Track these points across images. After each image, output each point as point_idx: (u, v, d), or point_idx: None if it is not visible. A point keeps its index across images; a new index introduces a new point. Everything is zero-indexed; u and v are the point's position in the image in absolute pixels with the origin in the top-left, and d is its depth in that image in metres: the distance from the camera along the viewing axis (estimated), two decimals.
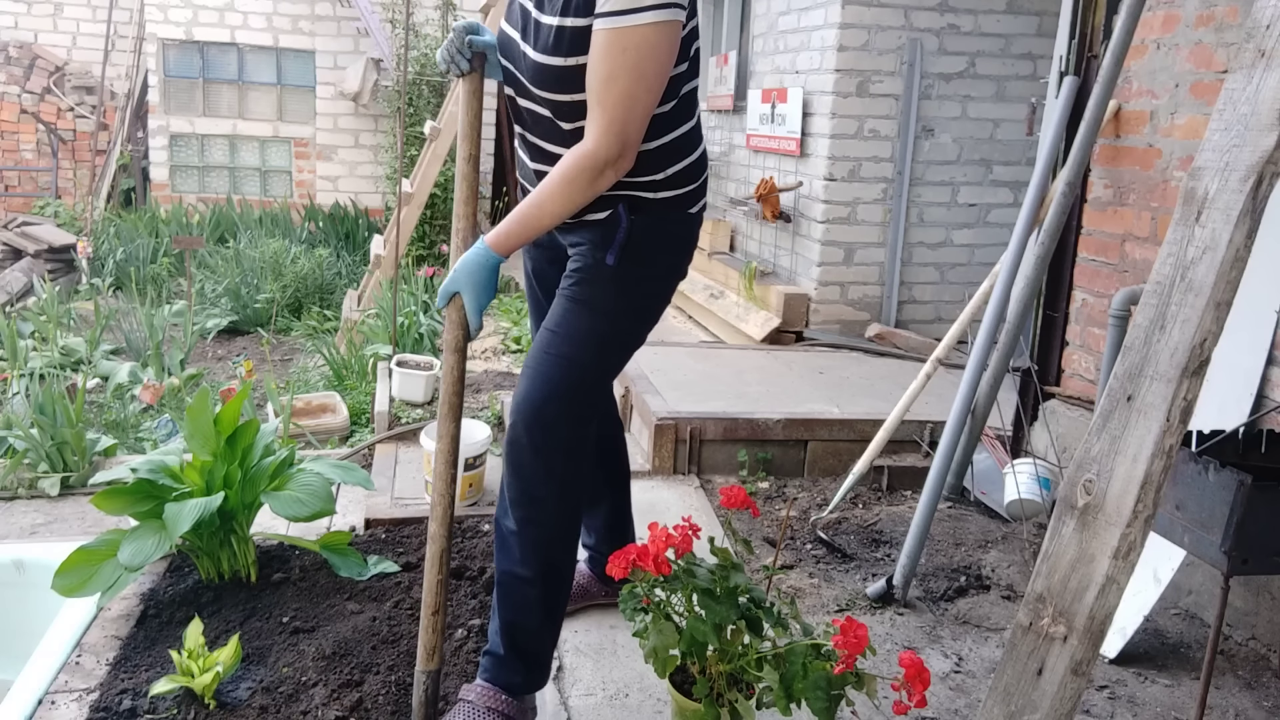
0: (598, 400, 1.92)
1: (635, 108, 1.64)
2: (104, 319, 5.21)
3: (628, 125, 1.64)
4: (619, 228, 1.82)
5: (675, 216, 1.90)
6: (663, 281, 1.95)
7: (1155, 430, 1.31)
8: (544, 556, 1.87)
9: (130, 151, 9.29)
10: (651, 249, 1.88)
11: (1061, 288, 3.41)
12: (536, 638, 1.89)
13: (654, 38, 1.60)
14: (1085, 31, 3.26)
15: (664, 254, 1.92)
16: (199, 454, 2.47)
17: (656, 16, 1.59)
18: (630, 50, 1.59)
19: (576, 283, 1.87)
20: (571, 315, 1.85)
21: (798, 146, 5.16)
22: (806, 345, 4.93)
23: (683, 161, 1.87)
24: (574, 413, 1.84)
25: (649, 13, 1.58)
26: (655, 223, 1.87)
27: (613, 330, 1.88)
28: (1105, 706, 2.17)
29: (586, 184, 1.69)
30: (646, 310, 1.95)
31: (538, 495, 1.85)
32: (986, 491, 3.24)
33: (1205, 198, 1.33)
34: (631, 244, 1.84)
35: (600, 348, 1.87)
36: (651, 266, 1.90)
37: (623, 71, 1.61)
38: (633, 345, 1.96)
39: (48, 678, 2.11)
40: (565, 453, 1.85)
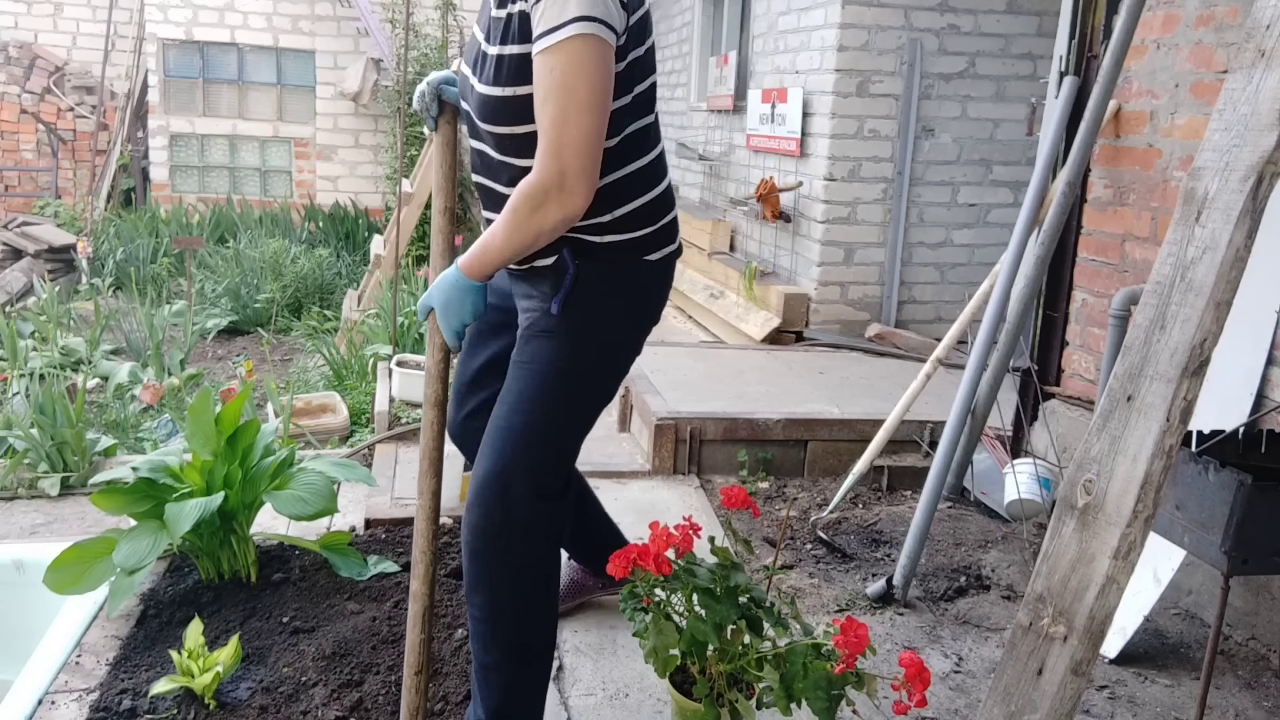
0: (562, 469, 1.79)
1: (569, 129, 1.55)
2: (104, 319, 5.21)
3: (564, 148, 1.55)
4: (565, 275, 1.72)
5: (627, 262, 1.76)
6: (620, 333, 1.81)
7: (1155, 430, 1.31)
8: (513, 642, 1.77)
9: (130, 151, 9.29)
10: (602, 298, 1.75)
11: (1061, 288, 3.41)
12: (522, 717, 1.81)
13: (577, 53, 1.54)
14: (1085, 31, 3.26)
15: (618, 302, 1.78)
16: (199, 454, 2.47)
17: (577, 29, 1.53)
18: (557, 69, 1.55)
19: (525, 339, 1.77)
20: (522, 380, 1.74)
21: (798, 146, 5.16)
22: (806, 345, 4.93)
23: (633, 202, 1.74)
24: (534, 487, 1.72)
25: (569, 27, 1.53)
26: (605, 270, 1.75)
27: (566, 391, 1.75)
28: (1105, 706, 2.17)
29: (528, 213, 1.58)
30: (604, 365, 1.81)
31: (498, 577, 1.74)
32: (986, 491, 3.24)
33: (1205, 198, 1.33)
34: (578, 293, 1.73)
35: (556, 412, 1.74)
36: (604, 318, 1.77)
37: (553, 92, 1.55)
38: (595, 403, 1.82)
39: (48, 678, 2.11)
40: (525, 532, 1.73)
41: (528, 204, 1.58)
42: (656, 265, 1.81)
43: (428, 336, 1.77)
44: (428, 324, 1.77)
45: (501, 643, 1.76)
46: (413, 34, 8.61)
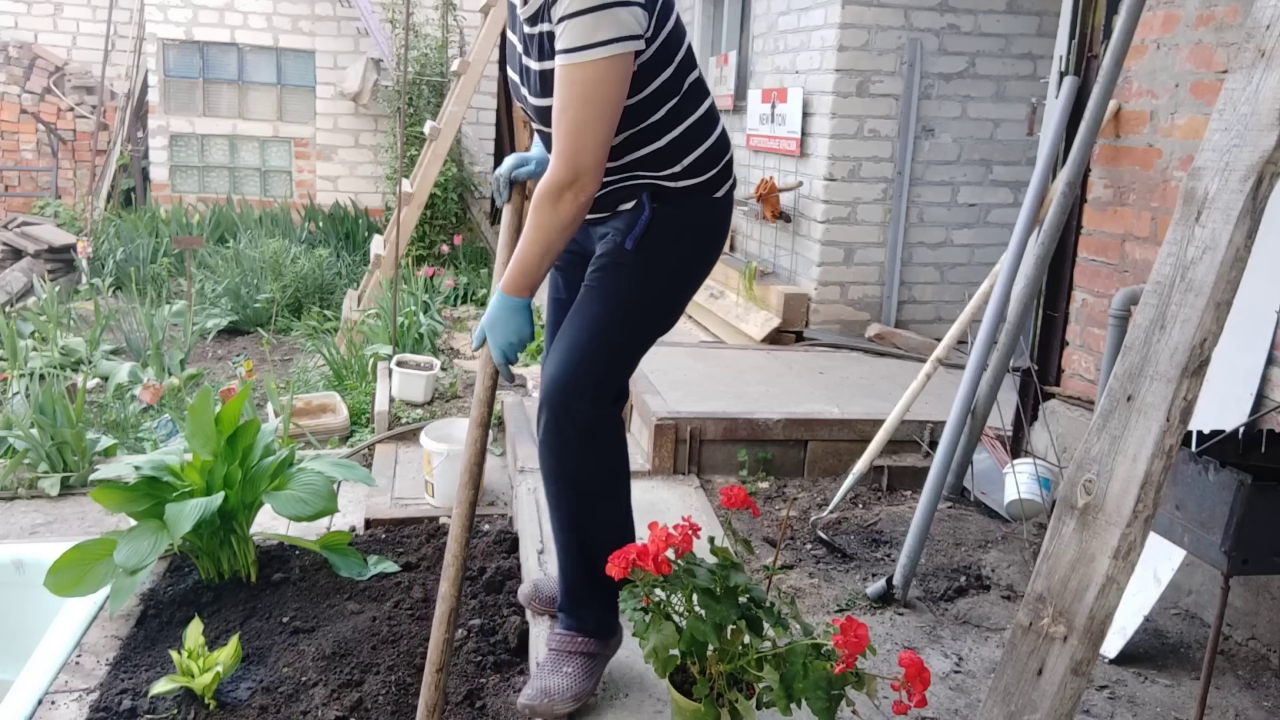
0: (617, 383, 1.97)
1: (586, 135, 1.72)
2: (104, 319, 5.21)
3: (579, 153, 1.72)
4: (641, 215, 1.90)
5: (698, 203, 1.95)
6: (685, 269, 1.99)
7: (1155, 430, 1.31)
8: (584, 522, 1.96)
9: (130, 151, 9.29)
10: (672, 236, 1.93)
11: (1061, 288, 3.41)
12: (594, 591, 1.97)
13: (603, 72, 1.69)
14: (1085, 31, 3.26)
15: (686, 241, 1.96)
16: (200, 454, 2.47)
17: (605, 53, 1.68)
18: (579, 84, 1.70)
19: (598, 269, 1.94)
20: (594, 304, 1.92)
21: (798, 146, 5.16)
22: (806, 345, 4.93)
23: (699, 149, 1.92)
24: (595, 394, 1.90)
25: (597, 49, 1.68)
26: (676, 210, 1.93)
27: (631, 318, 1.94)
28: (1105, 706, 2.17)
29: (549, 209, 1.76)
30: (669, 297, 1.99)
31: (565, 473, 1.93)
32: (986, 491, 3.24)
33: (1205, 198, 1.33)
34: (652, 231, 1.90)
35: (620, 335, 1.93)
36: (672, 253, 1.94)
37: (572, 103, 1.71)
38: (655, 330, 2.01)
39: (48, 678, 2.11)
40: (587, 431, 1.91)
41: (548, 201, 1.75)
42: (721, 202, 1.99)
43: (479, 362, 1.93)
44: (481, 351, 1.92)
45: (573, 526, 1.96)
46: (413, 34, 8.61)
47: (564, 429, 1.90)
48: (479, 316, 6.16)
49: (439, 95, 8.47)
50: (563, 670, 1.97)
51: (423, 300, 5.70)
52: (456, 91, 6.47)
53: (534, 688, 1.96)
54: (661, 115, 1.87)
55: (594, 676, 2.00)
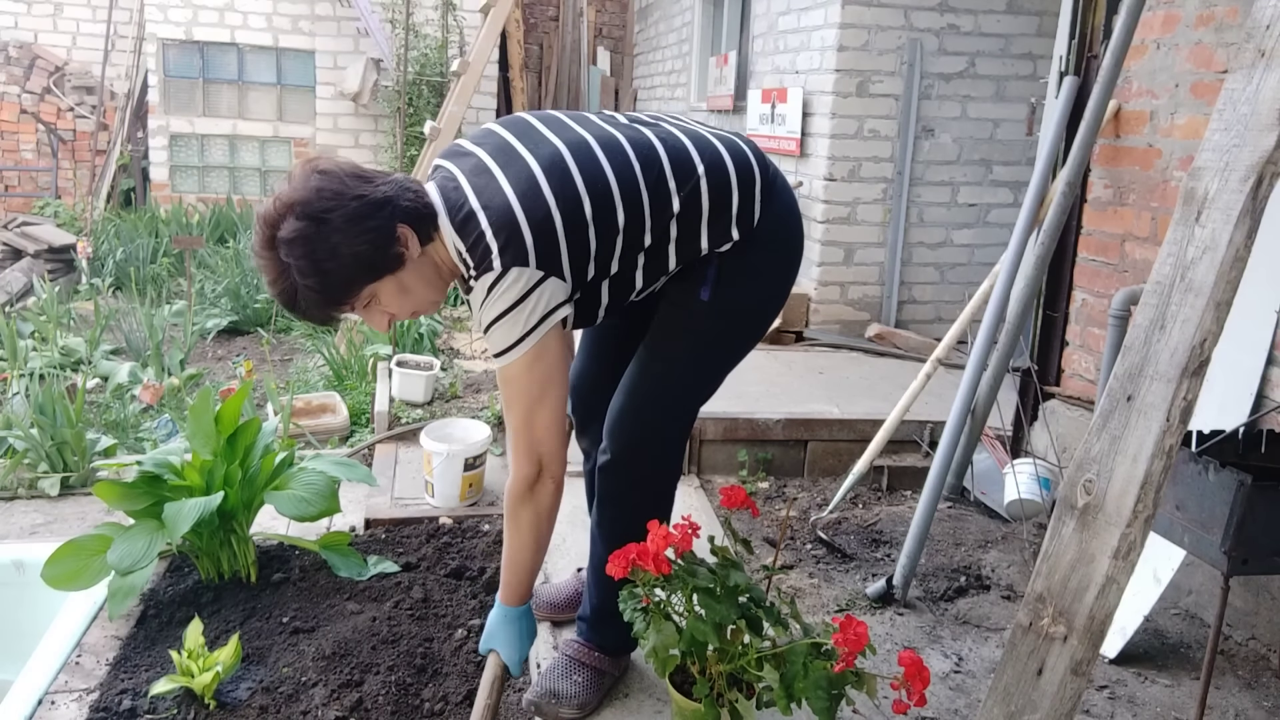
0: (693, 418, 2.00)
1: (536, 421, 1.73)
2: (104, 319, 5.20)
3: (536, 443, 1.74)
4: (710, 266, 1.85)
5: (762, 231, 1.88)
6: (769, 293, 1.95)
7: (1155, 430, 1.31)
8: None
9: (130, 151, 9.28)
10: (747, 275, 1.88)
11: (1061, 288, 3.41)
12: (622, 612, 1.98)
13: (531, 360, 1.69)
14: (1085, 31, 3.26)
15: (764, 270, 1.91)
16: (200, 453, 2.47)
17: (528, 345, 1.67)
18: (514, 380, 1.72)
19: (674, 308, 1.90)
20: (675, 344, 1.90)
21: (798, 146, 5.16)
22: (806, 345, 4.93)
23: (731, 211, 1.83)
24: (670, 433, 1.96)
25: (521, 344, 1.67)
26: (744, 255, 1.86)
27: (716, 360, 1.94)
28: (1105, 706, 2.17)
29: (528, 507, 1.78)
30: (752, 329, 1.97)
31: (628, 501, 1.96)
32: (986, 491, 3.24)
33: (1205, 198, 1.33)
34: (725, 278, 1.86)
35: (703, 375, 1.94)
36: (752, 289, 1.91)
37: (514, 399, 1.73)
38: (736, 360, 1.99)
39: (48, 678, 2.11)
40: (658, 465, 1.97)
41: (523, 500, 1.77)
42: (776, 214, 1.88)
43: (487, 666, 1.91)
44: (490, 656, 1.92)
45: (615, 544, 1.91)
46: (413, 34, 8.61)
47: (636, 464, 1.93)
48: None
49: (439, 95, 8.47)
50: (572, 678, 2.00)
51: None
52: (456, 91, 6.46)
53: (542, 688, 1.99)
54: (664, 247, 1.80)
55: (600, 691, 2.03)
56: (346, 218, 1.59)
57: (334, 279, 1.61)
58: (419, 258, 1.67)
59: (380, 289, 1.66)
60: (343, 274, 1.61)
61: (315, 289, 1.60)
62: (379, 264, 1.63)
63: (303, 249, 1.58)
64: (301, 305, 1.63)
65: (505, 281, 1.63)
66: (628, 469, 1.94)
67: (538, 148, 1.73)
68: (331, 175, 1.63)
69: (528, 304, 1.65)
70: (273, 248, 1.59)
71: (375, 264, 1.63)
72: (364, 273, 1.63)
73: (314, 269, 1.59)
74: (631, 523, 1.89)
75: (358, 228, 1.59)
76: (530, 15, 10.50)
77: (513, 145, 1.74)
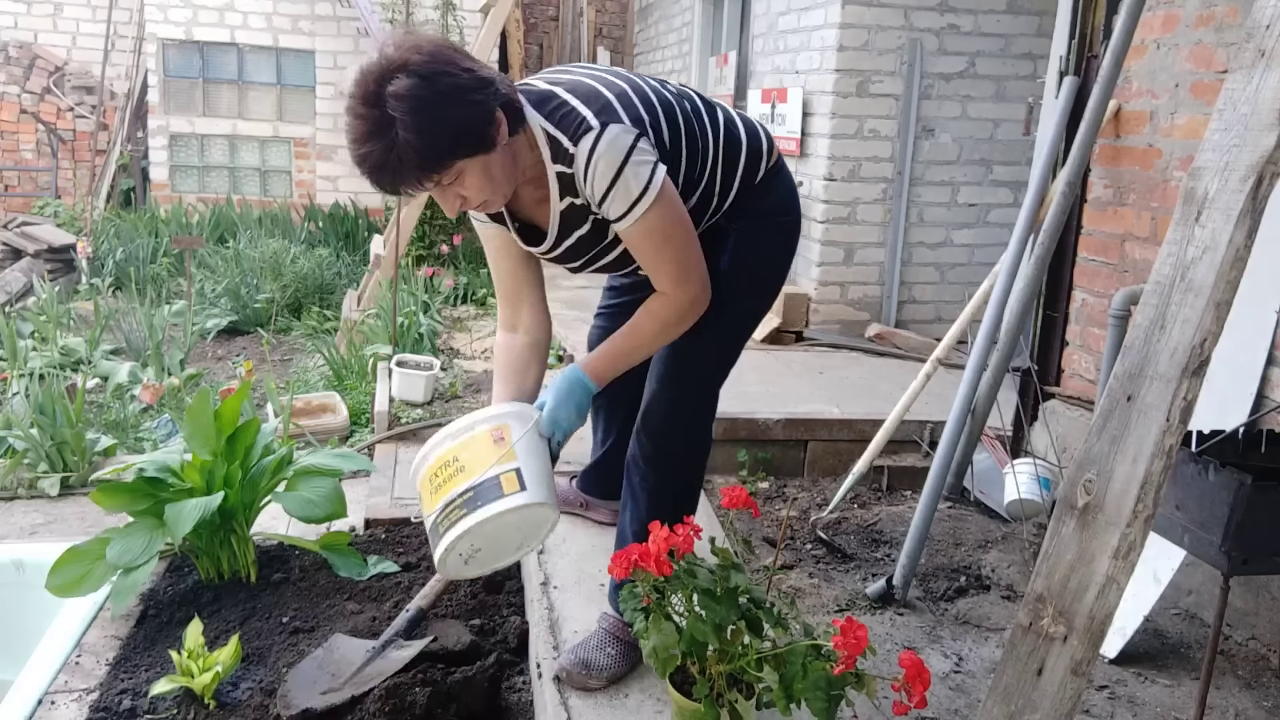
0: (718, 389, 2.10)
1: (685, 257, 1.81)
2: (104, 319, 5.20)
3: (690, 272, 1.82)
4: (726, 238, 2.00)
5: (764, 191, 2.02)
6: (778, 269, 2.09)
7: (1155, 430, 1.31)
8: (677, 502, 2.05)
9: (130, 151, 9.28)
10: (760, 244, 2.02)
11: (1061, 288, 3.41)
12: None
13: (662, 207, 1.74)
14: (1085, 31, 3.26)
15: (774, 244, 2.06)
16: (199, 453, 2.47)
17: (652, 194, 1.72)
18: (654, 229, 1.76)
19: None
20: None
21: (798, 146, 5.16)
22: (806, 345, 4.93)
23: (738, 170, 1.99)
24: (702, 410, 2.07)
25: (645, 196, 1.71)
26: (752, 217, 2.01)
27: (743, 323, 2.07)
28: (1105, 706, 2.17)
29: (675, 328, 1.86)
30: (772, 285, 2.11)
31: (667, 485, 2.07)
32: (986, 491, 3.24)
33: (1205, 198, 1.33)
34: (740, 245, 2.00)
35: (722, 342, 2.04)
36: (763, 259, 2.05)
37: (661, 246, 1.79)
38: (750, 332, 2.11)
39: (48, 678, 2.11)
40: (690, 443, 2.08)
41: (677, 324, 1.85)
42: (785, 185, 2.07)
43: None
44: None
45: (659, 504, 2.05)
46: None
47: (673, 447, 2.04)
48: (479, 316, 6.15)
49: None
50: (606, 650, 2.05)
51: (423, 300, 5.70)
52: None
53: (576, 657, 2.03)
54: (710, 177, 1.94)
55: (629, 665, 2.07)
56: (458, 85, 1.59)
57: (437, 143, 1.59)
58: (505, 145, 1.68)
59: (469, 167, 1.65)
60: (445, 140, 1.60)
61: (416, 148, 1.57)
62: (477, 140, 1.62)
63: (415, 105, 1.55)
64: (391, 165, 1.59)
65: (605, 138, 1.68)
66: (666, 453, 2.03)
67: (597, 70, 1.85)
68: (442, 45, 1.64)
69: (635, 155, 1.69)
70: (377, 103, 1.56)
71: (475, 139, 1.62)
72: (464, 144, 1.62)
73: (421, 127, 1.56)
74: (671, 508, 1.99)
75: (467, 99, 1.60)
76: (530, 15, 10.50)
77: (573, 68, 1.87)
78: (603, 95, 1.74)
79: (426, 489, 1.76)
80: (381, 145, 1.57)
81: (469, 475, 1.69)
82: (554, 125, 1.72)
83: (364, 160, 1.61)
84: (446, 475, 1.71)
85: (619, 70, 1.89)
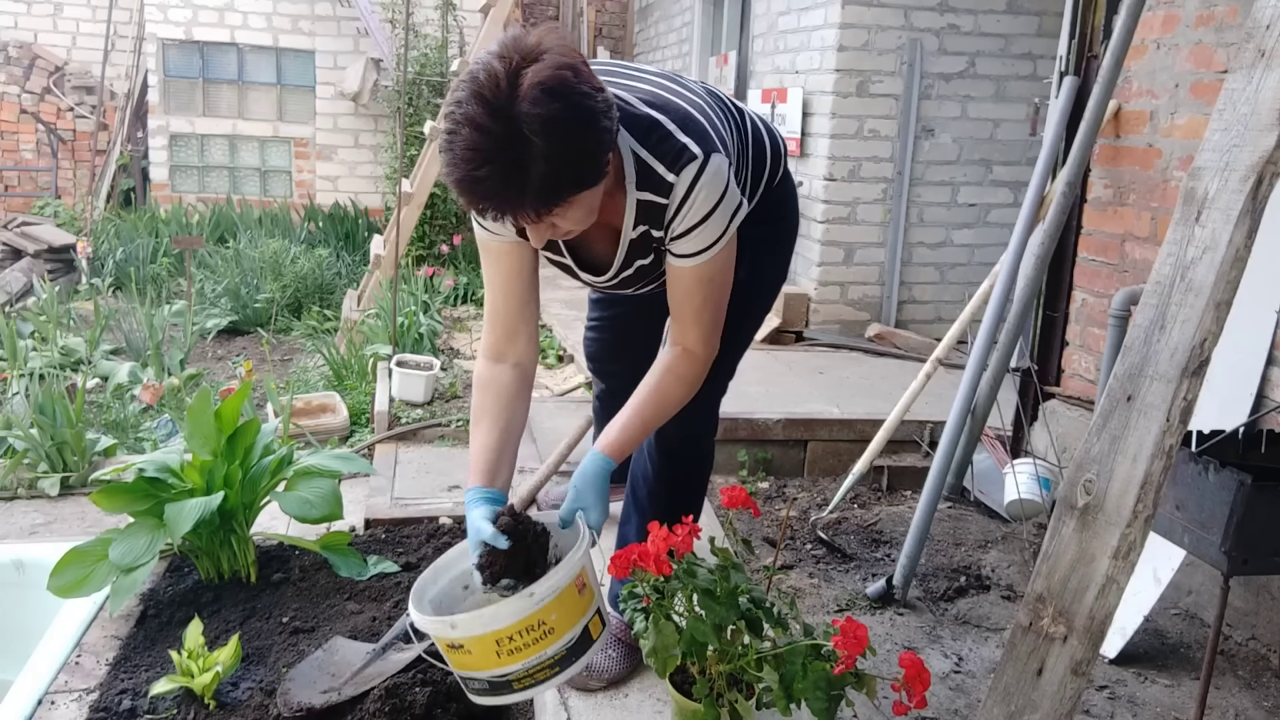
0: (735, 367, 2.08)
1: (720, 317, 1.77)
2: (104, 319, 5.20)
3: (715, 333, 1.78)
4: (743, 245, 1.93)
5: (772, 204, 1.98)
6: (783, 269, 2.09)
7: (1155, 430, 1.31)
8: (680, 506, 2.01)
9: (130, 151, 9.28)
10: (770, 246, 2.01)
11: (1061, 288, 3.41)
12: None
13: (727, 255, 1.70)
14: (1085, 31, 3.26)
15: (782, 245, 2.07)
16: (199, 453, 2.47)
17: (727, 238, 1.66)
18: (713, 277, 1.71)
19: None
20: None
21: (798, 146, 5.16)
22: (806, 345, 4.93)
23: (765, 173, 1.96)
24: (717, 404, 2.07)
25: (723, 238, 1.66)
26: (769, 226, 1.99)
27: (747, 325, 2.03)
28: (1105, 706, 2.17)
29: (689, 388, 1.80)
30: (769, 298, 2.09)
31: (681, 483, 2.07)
32: (986, 491, 3.24)
33: (1205, 198, 1.33)
34: (752, 248, 1.92)
35: (733, 342, 1.96)
36: (774, 259, 2.04)
37: (711, 295, 1.73)
38: (756, 330, 2.10)
39: (48, 678, 2.11)
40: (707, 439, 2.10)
41: (691, 383, 1.78)
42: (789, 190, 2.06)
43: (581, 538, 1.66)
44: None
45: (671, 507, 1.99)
46: (413, 34, 8.61)
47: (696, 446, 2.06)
48: (479, 316, 6.15)
49: (439, 95, 8.46)
50: (606, 651, 2.04)
51: (423, 300, 5.70)
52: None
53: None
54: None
55: (631, 666, 2.07)
56: (594, 109, 1.41)
57: (567, 174, 1.41)
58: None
59: (580, 199, 1.47)
60: (575, 171, 1.42)
61: (546, 178, 1.38)
62: (599, 172, 1.46)
63: (554, 129, 1.35)
64: (510, 195, 1.39)
65: (710, 169, 1.58)
66: (679, 472, 2.05)
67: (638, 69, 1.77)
68: (572, 50, 1.43)
69: (730, 193, 1.62)
70: (509, 119, 1.34)
71: (598, 171, 1.46)
72: (589, 177, 1.45)
73: (556, 155, 1.36)
74: (685, 506, 1.99)
75: (600, 124, 1.42)
76: (530, 15, 10.50)
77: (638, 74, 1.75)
78: (696, 118, 1.62)
79: (485, 648, 1.54)
80: (505, 169, 1.36)
81: (561, 634, 1.56)
82: (648, 150, 1.59)
83: (477, 183, 1.38)
84: (533, 638, 1.55)
85: (675, 76, 1.78)
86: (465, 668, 1.57)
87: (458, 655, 1.55)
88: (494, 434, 1.77)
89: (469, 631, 1.51)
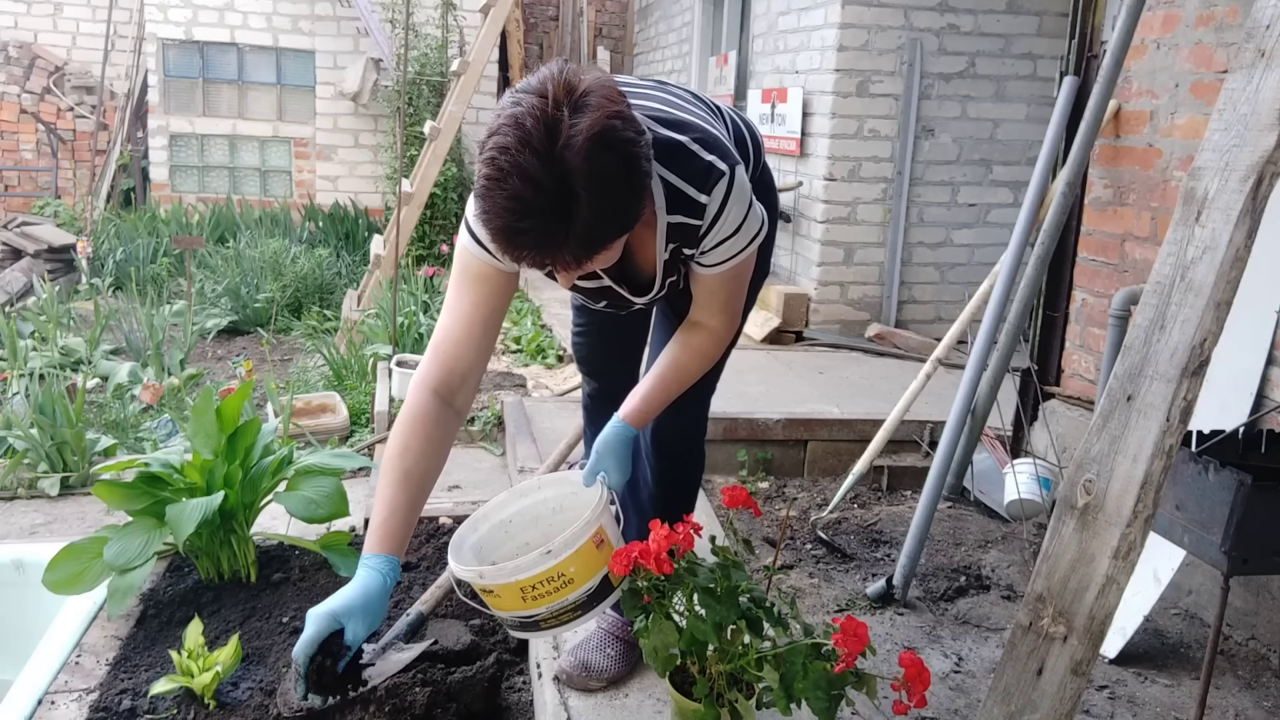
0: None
1: (741, 304, 1.84)
2: (104, 319, 5.20)
3: (738, 313, 1.85)
4: None
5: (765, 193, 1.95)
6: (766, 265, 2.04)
7: (1155, 430, 1.31)
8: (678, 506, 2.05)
9: (130, 151, 9.29)
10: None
11: (1061, 288, 3.41)
12: None
13: (752, 255, 1.73)
14: (1085, 31, 3.26)
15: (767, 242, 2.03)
16: (201, 453, 2.47)
17: (756, 242, 1.70)
18: (740, 275, 1.77)
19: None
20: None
21: (798, 146, 5.16)
22: (806, 345, 4.93)
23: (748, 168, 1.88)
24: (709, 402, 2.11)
25: (753, 243, 1.70)
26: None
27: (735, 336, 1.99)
28: (1105, 706, 2.17)
29: (711, 360, 1.86)
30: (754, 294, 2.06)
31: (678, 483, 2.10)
32: (986, 491, 3.24)
33: (1205, 198, 1.33)
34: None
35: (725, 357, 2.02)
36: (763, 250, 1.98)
37: (735, 290, 1.79)
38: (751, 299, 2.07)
39: (48, 678, 2.11)
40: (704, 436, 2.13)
41: (714, 355, 1.85)
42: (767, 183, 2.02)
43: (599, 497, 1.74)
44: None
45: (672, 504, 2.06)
46: (413, 34, 8.61)
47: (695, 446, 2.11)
48: None
49: (439, 95, 8.47)
50: (606, 651, 2.06)
51: (422, 300, 5.70)
52: (456, 91, 6.47)
53: (576, 659, 2.05)
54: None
55: (630, 665, 2.08)
56: (639, 157, 1.35)
57: (611, 226, 1.37)
58: None
59: (619, 241, 1.44)
60: (618, 223, 1.38)
61: (590, 230, 1.33)
62: (636, 218, 1.42)
63: (605, 187, 1.30)
64: (552, 246, 1.34)
65: (736, 179, 1.59)
66: (678, 473, 2.08)
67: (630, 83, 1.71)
68: (615, 91, 1.36)
69: (753, 200, 1.65)
70: (560, 173, 1.28)
71: (636, 217, 1.42)
72: (628, 224, 1.41)
73: (603, 211, 1.32)
74: (683, 506, 2.04)
75: (643, 170, 1.38)
76: (530, 15, 10.50)
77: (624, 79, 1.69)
78: (710, 132, 1.62)
79: (512, 594, 1.69)
80: (549, 222, 1.30)
81: (580, 584, 1.71)
82: (676, 174, 1.56)
83: (518, 234, 1.32)
84: (554, 587, 1.69)
85: (663, 84, 1.78)
86: (498, 608, 1.74)
87: (491, 598, 1.73)
88: (409, 489, 1.65)
89: (495, 580, 1.67)
